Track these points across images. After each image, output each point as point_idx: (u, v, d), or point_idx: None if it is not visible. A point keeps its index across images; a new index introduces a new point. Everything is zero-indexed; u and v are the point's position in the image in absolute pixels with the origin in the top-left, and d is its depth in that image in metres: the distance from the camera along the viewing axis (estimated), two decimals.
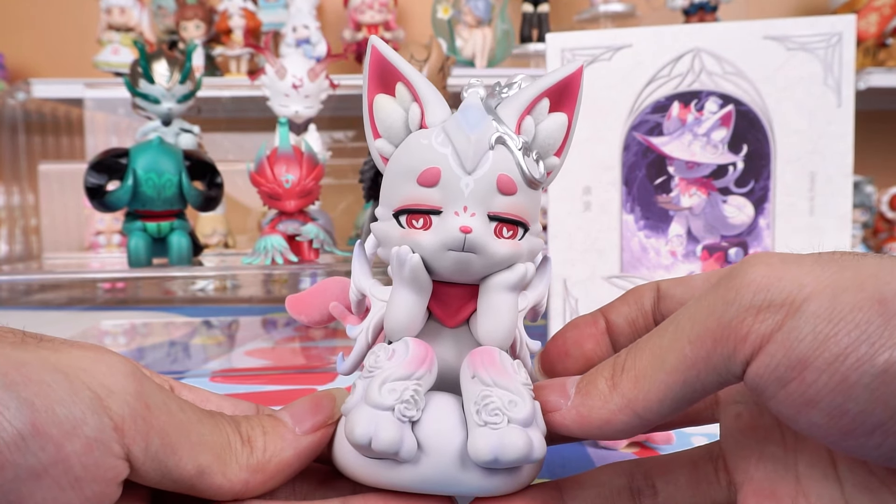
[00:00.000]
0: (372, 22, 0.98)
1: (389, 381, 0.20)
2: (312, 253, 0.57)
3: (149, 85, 0.60)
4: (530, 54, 1.00)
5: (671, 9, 0.98)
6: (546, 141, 0.23)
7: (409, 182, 0.21)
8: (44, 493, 0.16)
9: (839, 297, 0.16)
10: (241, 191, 0.87)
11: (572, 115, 0.23)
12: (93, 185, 0.54)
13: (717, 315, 0.17)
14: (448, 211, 0.21)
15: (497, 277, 0.22)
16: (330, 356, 0.57)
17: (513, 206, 0.21)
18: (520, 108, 0.22)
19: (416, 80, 0.23)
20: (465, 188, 0.21)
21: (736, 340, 0.17)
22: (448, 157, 0.21)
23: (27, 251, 0.95)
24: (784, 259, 0.17)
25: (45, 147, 0.99)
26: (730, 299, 0.17)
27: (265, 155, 0.55)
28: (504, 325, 0.22)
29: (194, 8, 0.98)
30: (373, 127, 0.23)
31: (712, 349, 0.17)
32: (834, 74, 0.50)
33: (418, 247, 0.21)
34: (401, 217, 0.22)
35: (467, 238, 0.20)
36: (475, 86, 0.23)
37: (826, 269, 0.16)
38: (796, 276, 0.16)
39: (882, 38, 0.98)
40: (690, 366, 0.17)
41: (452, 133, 0.21)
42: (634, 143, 0.53)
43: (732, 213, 0.52)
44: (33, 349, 0.17)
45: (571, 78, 0.23)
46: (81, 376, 0.17)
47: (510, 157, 0.21)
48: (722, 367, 0.17)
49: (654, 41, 0.51)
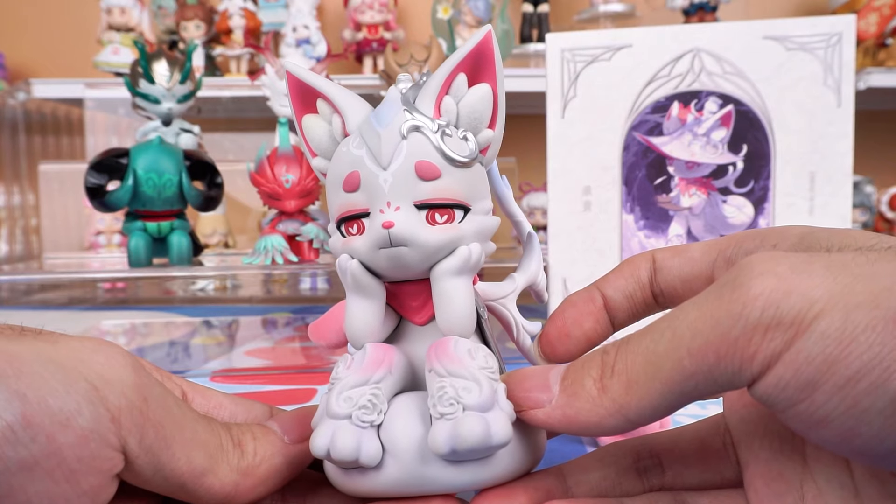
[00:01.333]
0: (372, 22, 0.98)
1: (346, 390, 0.20)
2: (312, 253, 0.57)
3: (149, 85, 0.60)
4: (530, 54, 1.00)
5: (671, 9, 0.98)
6: (472, 115, 0.22)
7: (338, 191, 0.21)
8: (36, 486, 0.16)
9: (851, 314, 0.15)
10: (241, 191, 0.87)
11: (495, 82, 0.22)
12: (93, 185, 0.54)
13: (721, 330, 0.16)
14: (374, 210, 0.21)
15: (440, 265, 0.21)
16: (330, 356, 0.57)
17: (440, 189, 0.21)
18: (435, 91, 0.22)
19: (330, 91, 0.23)
20: (384, 184, 0.20)
21: (742, 359, 0.16)
22: (364, 157, 0.21)
23: (27, 251, 0.96)
24: (793, 267, 0.16)
25: (46, 147, 0.99)
26: (735, 314, 0.16)
27: (265, 155, 0.55)
28: (458, 312, 0.21)
29: (194, 8, 0.98)
30: (308, 148, 0.23)
31: (715, 364, 0.16)
32: (834, 74, 0.50)
33: (354, 252, 0.21)
34: (341, 227, 0.22)
35: (391, 232, 0.20)
36: (402, 81, 0.22)
37: (838, 280, 0.15)
38: (806, 289, 0.15)
39: (882, 38, 0.98)
40: (688, 377, 0.16)
41: (365, 133, 0.21)
42: (634, 143, 0.53)
43: (732, 213, 0.52)
44: (29, 341, 0.17)
45: (481, 45, 0.22)
46: (78, 367, 0.17)
47: (427, 142, 0.21)
48: (724, 380, 0.16)
49: (653, 41, 0.51)
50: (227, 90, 0.86)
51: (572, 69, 0.52)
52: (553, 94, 0.53)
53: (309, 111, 0.23)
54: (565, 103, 0.53)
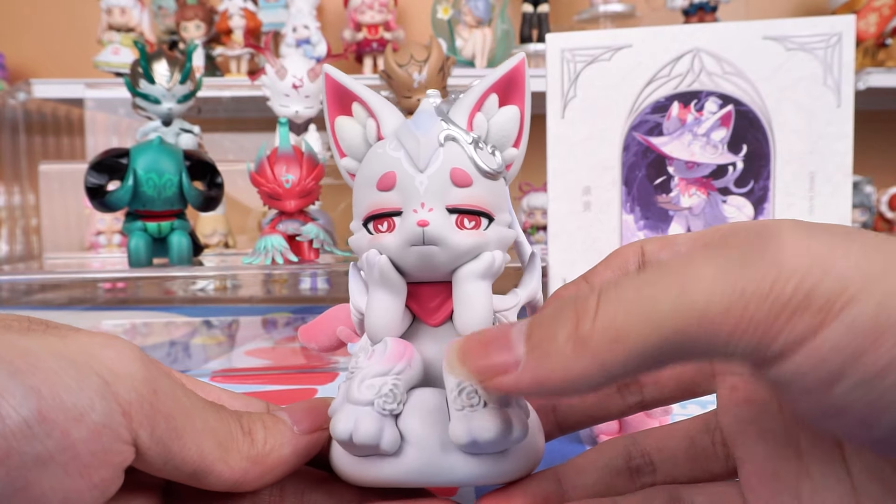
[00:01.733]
0: (372, 22, 0.98)
1: (368, 378, 0.21)
2: (312, 253, 0.57)
3: (149, 85, 0.60)
4: (530, 54, 1.00)
5: (671, 9, 0.98)
6: (500, 133, 0.24)
7: (370, 190, 0.22)
8: (51, 480, 0.16)
9: (885, 303, 0.13)
10: (241, 191, 0.87)
11: (523, 105, 0.24)
12: (93, 185, 0.54)
13: (744, 303, 0.14)
14: (407, 210, 0.22)
15: (465, 268, 0.22)
16: (330, 356, 0.57)
17: (470, 197, 0.22)
18: (469, 107, 0.23)
19: (368, 96, 0.24)
20: (419, 186, 0.22)
21: (761, 339, 0.14)
22: (401, 159, 0.22)
23: (27, 251, 0.96)
24: (829, 243, 0.14)
25: (46, 147, 0.99)
26: (765, 290, 0.14)
27: (265, 155, 0.55)
28: (478, 313, 0.22)
29: (194, 8, 0.98)
30: (338, 148, 0.25)
31: (727, 338, 0.14)
32: (833, 75, 0.50)
33: (384, 248, 0.22)
34: (368, 225, 0.23)
35: (425, 231, 0.21)
36: (432, 95, 0.25)
37: (874, 263, 0.14)
38: (842, 270, 0.14)
39: (881, 39, 0.98)
40: (692, 341, 0.14)
41: (403, 137, 0.22)
42: (634, 143, 0.53)
43: (732, 214, 0.53)
44: (40, 336, 0.17)
45: (514, 71, 0.24)
46: (89, 362, 0.17)
47: (461, 152, 0.22)
48: (735, 353, 0.14)
49: (653, 41, 0.52)
50: (227, 90, 0.86)
51: (572, 69, 0.52)
52: (553, 94, 0.53)
53: (342, 113, 0.24)
54: (565, 103, 0.53)
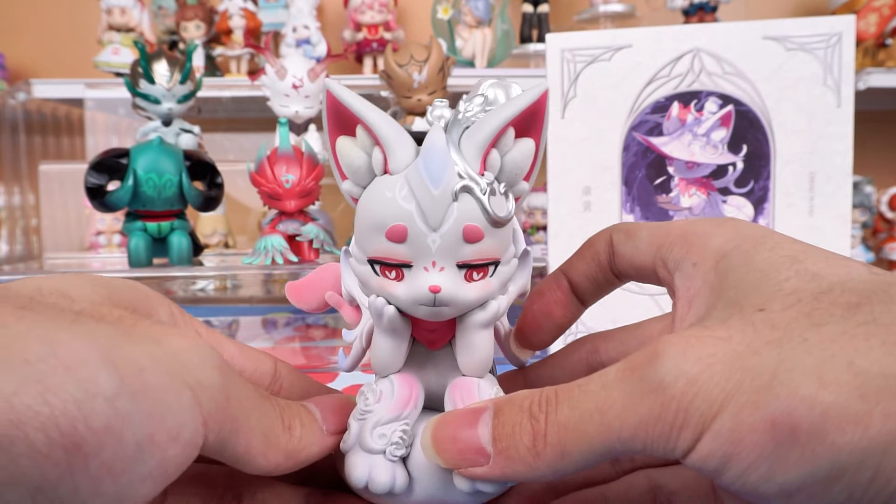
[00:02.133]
0: (372, 22, 0.98)
1: (379, 426, 0.22)
2: (312, 253, 0.57)
3: (149, 85, 0.60)
4: (530, 54, 1.00)
5: (671, 9, 0.98)
6: (513, 171, 0.22)
7: (378, 235, 0.21)
8: (144, 492, 0.17)
9: (739, 416, 0.16)
10: (241, 191, 0.87)
11: (539, 139, 0.22)
12: (93, 185, 0.55)
13: (644, 425, 0.18)
14: (418, 266, 0.21)
15: (471, 318, 0.23)
16: (330, 356, 0.57)
17: (481, 251, 0.21)
18: (483, 144, 0.21)
19: (375, 122, 0.21)
20: (432, 244, 0.21)
21: (665, 447, 0.18)
22: (413, 213, 0.21)
23: (28, 251, 0.96)
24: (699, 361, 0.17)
25: (46, 147, 0.99)
26: (655, 414, 0.17)
27: (265, 155, 0.55)
28: (481, 358, 0.23)
29: (194, 8, 0.98)
30: (339, 170, 0.23)
31: (643, 448, 0.18)
32: (833, 75, 0.50)
33: (393, 298, 0.22)
34: (375, 265, 0.22)
35: (437, 296, 0.21)
36: (439, 107, 0.22)
37: (732, 378, 0.17)
38: (707, 390, 0.17)
39: (881, 39, 0.98)
40: (618, 450, 0.18)
41: (416, 188, 0.21)
42: (634, 144, 0.53)
43: (732, 214, 0.53)
44: (140, 341, 0.17)
45: (537, 105, 0.22)
46: (182, 374, 0.18)
47: (475, 205, 0.21)
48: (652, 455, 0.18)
49: (653, 41, 0.52)
50: (227, 90, 0.87)
51: (572, 69, 0.52)
52: (553, 94, 0.53)
53: (345, 133, 0.22)
54: (565, 103, 0.53)
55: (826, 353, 0.16)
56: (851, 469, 0.16)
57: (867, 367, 0.16)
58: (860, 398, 0.16)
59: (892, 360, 0.16)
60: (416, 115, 0.68)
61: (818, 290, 0.18)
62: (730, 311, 0.19)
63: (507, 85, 0.23)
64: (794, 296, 0.18)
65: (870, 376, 0.16)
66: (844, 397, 0.16)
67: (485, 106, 0.22)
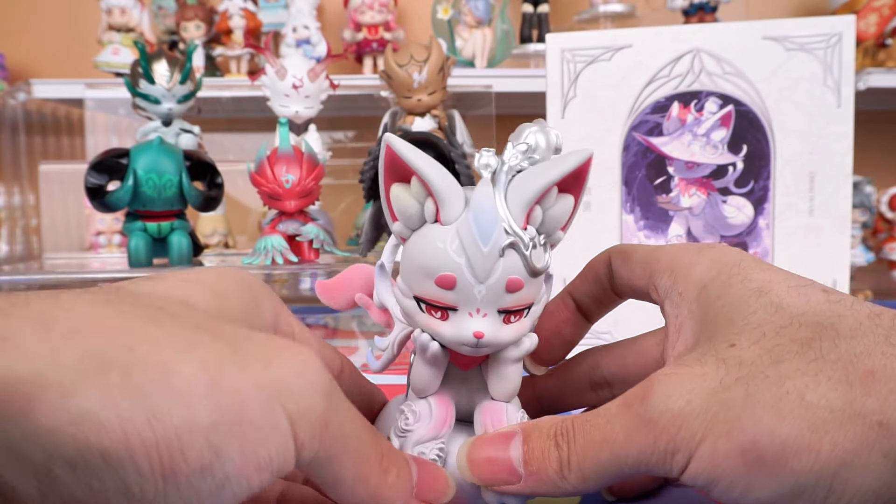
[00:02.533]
0: (372, 22, 0.98)
1: (419, 444, 0.25)
2: (312, 253, 0.57)
3: (149, 85, 0.60)
4: (530, 54, 1.00)
5: (671, 9, 0.98)
6: (552, 224, 0.24)
7: (427, 279, 0.24)
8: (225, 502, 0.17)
9: (716, 445, 0.19)
10: (241, 191, 0.87)
11: (579, 196, 0.25)
12: (93, 185, 0.55)
13: (645, 455, 0.21)
14: (462, 311, 0.24)
15: (505, 353, 0.25)
16: None
17: (520, 299, 0.24)
18: (530, 201, 0.23)
19: (430, 176, 0.23)
20: (478, 294, 0.23)
21: (665, 470, 0.21)
22: (462, 266, 0.23)
23: (28, 251, 0.96)
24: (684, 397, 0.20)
25: (46, 147, 0.99)
26: (650, 445, 0.20)
27: (265, 155, 0.55)
28: (511, 387, 0.26)
29: (194, 8, 0.98)
30: (391, 212, 0.25)
31: (647, 469, 0.21)
32: (833, 75, 0.50)
33: (438, 336, 0.24)
34: (421, 303, 0.24)
35: (479, 341, 0.24)
36: (486, 156, 0.24)
37: (710, 411, 0.20)
38: (691, 423, 0.20)
39: (881, 39, 0.98)
40: (630, 472, 0.21)
41: (466, 243, 0.23)
42: (634, 144, 0.53)
43: (732, 214, 0.53)
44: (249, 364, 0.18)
45: (581, 168, 0.24)
46: (285, 402, 0.18)
47: (519, 259, 0.23)
48: (657, 474, 0.21)
49: (653, 41, 0.52)
50: (227, 90, 0.86)
51: (572, 69, 0.53)
52: (553, 94, 0.53)
53: (398, 180, 0.24)
54: (565, 103, 0.53)
55: (782, 389, 0.19)
56: (809, 488, 0.19)
57: (815, 402, 0.19)
58: (811, 430, 0.19)
59: (835, 394, 0.19)
60: (416, 115, 0.68)
61: (780, 325, 0.21)
62: (706, 346, 0.22)
63: (548, 131, 0.25)
64: (759, 330, 0.21)
65: (818, 409, 0.19)
66: (798, 429, 0.19)
67: (528, 154, 0.24)
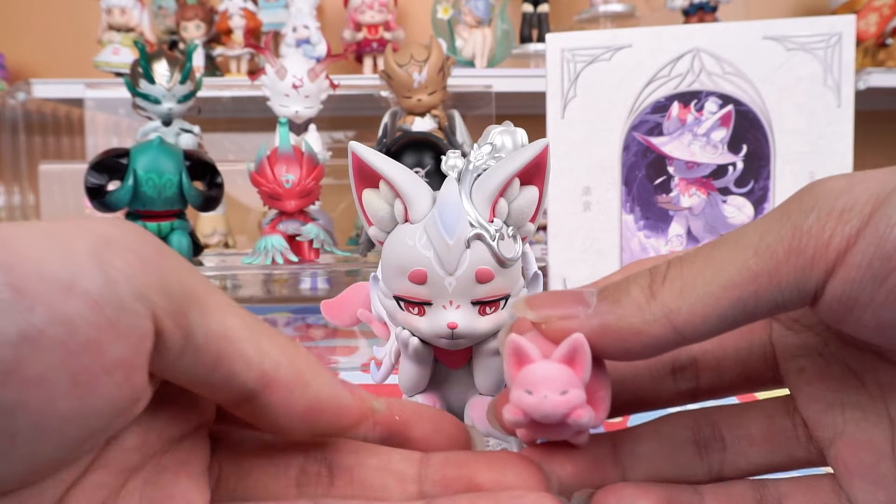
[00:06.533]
0: (372, 22, 0.98)
1: None
2: (312, 253, 0.57)
3: (149, 85, 0.60)
4: (530, 54, 1.00)
5: (671, 9, 0.98)
6: (519, 216, 0.25)
7: (402, 277, 0.24)
8: (47, 358, 0.14)
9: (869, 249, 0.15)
10: (241, 191, 0.87)
11: (542, 186, 0.25)
12: (93, 185, 0.54)
13: (792, 223, 0.15)
14: (437, 304, 0.24)
15: (486, 345, 0.26)
16: (330, 356, 0.58)
17: (493, 290, 0.24)
18: (492, 195, 0.24)
19: (395, 178, 0.24)
20: (448, 286, 0.24)
21: (816, 248, 0.15)
22: (431, 259, 0.24)
23: None
24: (856, 174, 0.16)
25: (46, 147, 0.99)
26: (808, 207, 0.15)
27: (265, 155, 0.55)
28: (495, 380, 0.26)
29: (194, 8, 0.98)
30: (366, 217, 0.26)
31: (783, 261, 0.15)
32: (833, 75, 0.50)
33: (416, 331, 0.25)
34: (400, 301, 0.25)
35: (454, 331, 0.24)
36: (452, 158, 0.25)
37: (888, 183, 0.15)
38: (879, 176, 0.15)
39: (882, 39, 0.98)
40: (751, 279, 0.16)
41: (433, 237, 0.24)
42: (634, 144, 0.53)
43: (732, 213, 0.53)
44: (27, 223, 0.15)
45: (539, 158, 0.24)
46: (77, 232, 0.15)
47: (486, 250, 0.24)
48: (791, 282, 0.15)
49: (653, 41, 0.52)
50: (227, 90, 0.86)
51: (572, 69, 0.53)
52: (553, 94, 0.53)
53: (368, 186, 0.26)
54: (565, 103, 0.53)
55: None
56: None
57: None
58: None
59: None
60: (416, 115, 0.68)
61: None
62: None
63: (514, 131, 0.26)
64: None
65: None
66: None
67: (493, 153, 0.25)
